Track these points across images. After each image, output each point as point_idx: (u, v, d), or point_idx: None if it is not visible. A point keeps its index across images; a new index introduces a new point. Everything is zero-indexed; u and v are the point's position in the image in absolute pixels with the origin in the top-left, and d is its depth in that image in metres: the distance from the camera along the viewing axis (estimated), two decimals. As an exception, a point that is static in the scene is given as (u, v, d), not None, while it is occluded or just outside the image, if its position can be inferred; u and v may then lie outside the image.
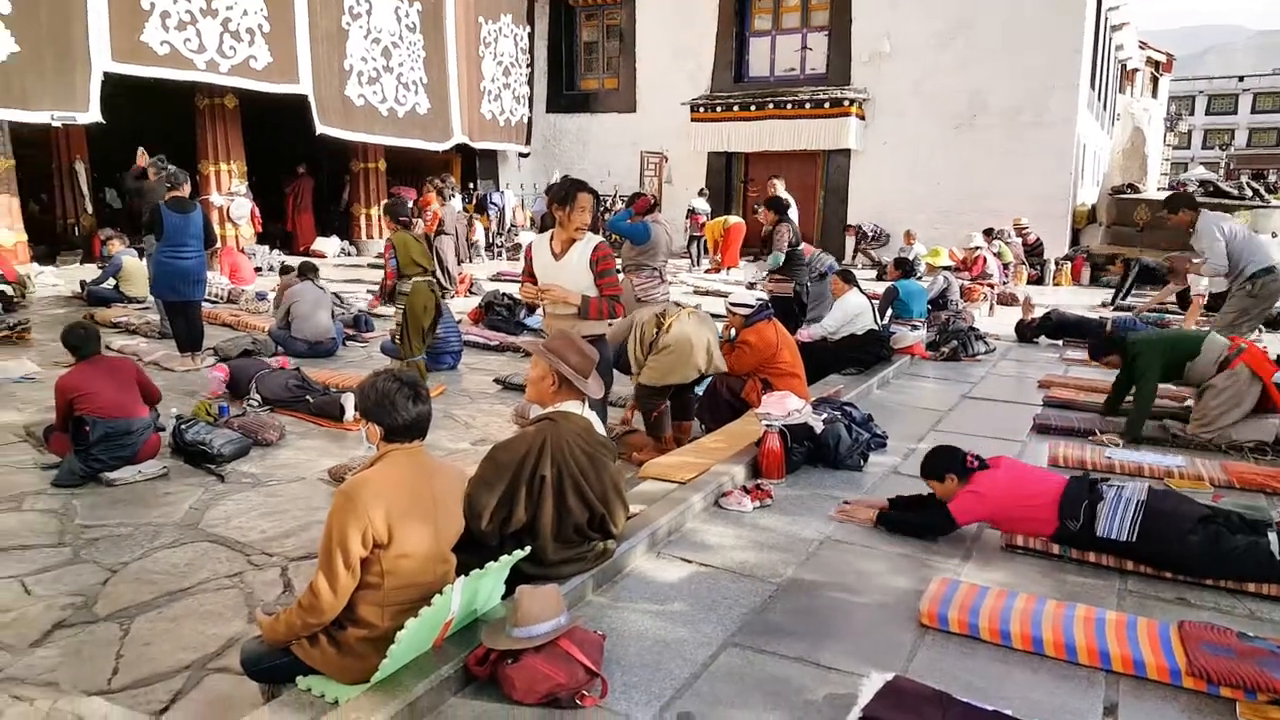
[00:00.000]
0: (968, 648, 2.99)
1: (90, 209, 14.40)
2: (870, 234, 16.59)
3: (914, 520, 3.98)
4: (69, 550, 4.00)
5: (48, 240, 13.95)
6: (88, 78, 10.24)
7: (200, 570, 3.82)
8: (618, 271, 4.62)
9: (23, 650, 3.16)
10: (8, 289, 9.92)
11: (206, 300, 10.58)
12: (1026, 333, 9.45)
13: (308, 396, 6.24)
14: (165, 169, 8.10)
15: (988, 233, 13.83)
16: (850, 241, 16.77)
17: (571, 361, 3.27)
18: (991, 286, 12.13)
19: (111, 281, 10.50)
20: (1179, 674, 2.72)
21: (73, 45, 10.05)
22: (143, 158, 9.40)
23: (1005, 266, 13.43)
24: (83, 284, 10.87)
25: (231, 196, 13.76)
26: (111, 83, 10.57)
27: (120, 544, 4.06)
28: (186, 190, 7.64)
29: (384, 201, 6.77)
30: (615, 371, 5.34)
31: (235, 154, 13.86)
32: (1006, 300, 12.16)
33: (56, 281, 11.70)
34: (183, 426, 5.26)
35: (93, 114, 10.42)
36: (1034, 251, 15.00)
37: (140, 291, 9.99)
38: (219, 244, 13.32)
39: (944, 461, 3.93)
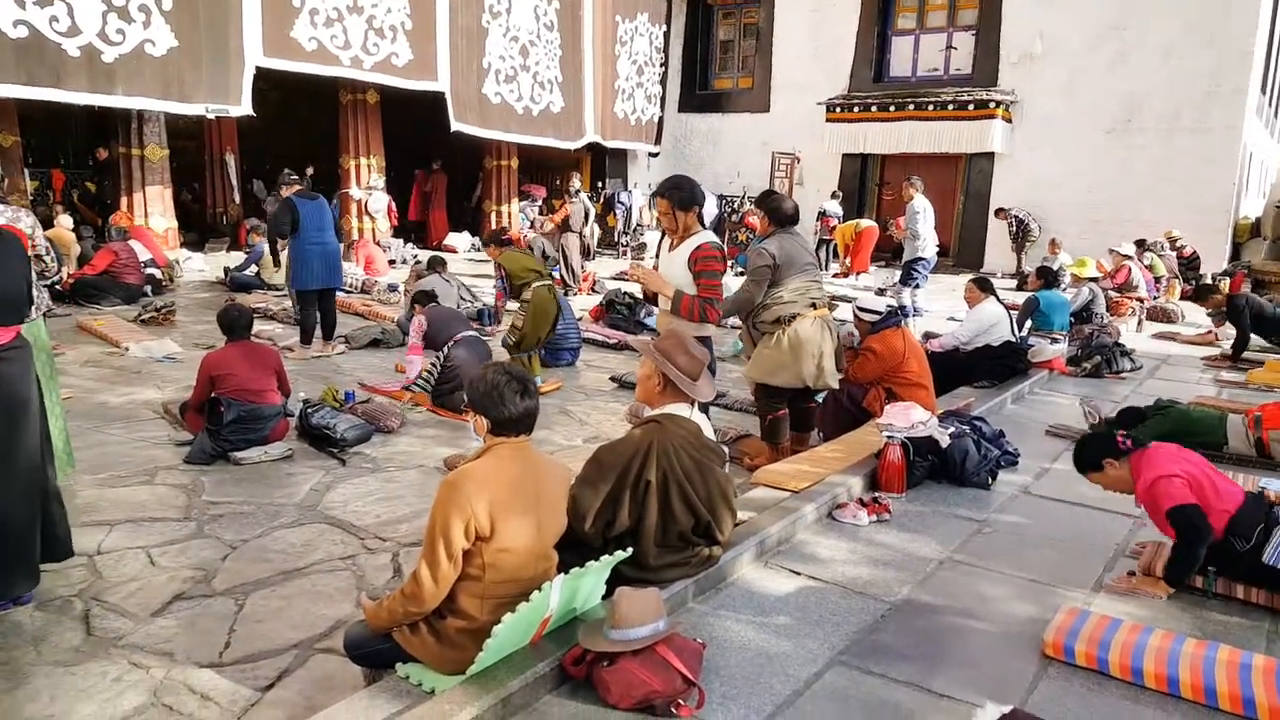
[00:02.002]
0: (1095, 684, 2.79)
1: (238, 199, 15.28)
2: (1022, 221, 15.54)
3: (1184, 554, 3.39)
4: (194, 525, 4.15)
5: (197, 228, 14.88)
6: (241, 72, 10.77)
7: (315, 551, 3.92)
8: (720, 275, 4.47)
9: (144, 619, 3.30)
10: (158, 273, 10.60)
11: (341, 290, 11.16)
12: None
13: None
14: (290, 178, 8.09)
15: (1139, 244, 12.94)
16: (1002, 227, 15.82)
17: (679, 363, 3.20)
18: (1140, 300, 11.33)
19: (254, 269, 11.17)
20: (1337, 731, 2.45)
21: (228, 41, 10.59)
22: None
23: (1157, 280, 12.53)
24: (226, 270, 11.53)
25: (370, 190, 14.31)
26: (261, 77, 11.08)
27: (242, 521, 4.20)
28: (300, 184, 7.79)
29: (492, 231, 6.83)
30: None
31: (375, 149, 14.39)
32: (1157, 316, 11.33)
33: (203, 267, 12.41)
34: (309, 410, 5.44)
35: (244, 107, 10.95)
36: (1190, 265, 13.94)
37: (280, 279, 10.57)
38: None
39: (1097, 449, 3.64)
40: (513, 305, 7.34)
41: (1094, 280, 10.78)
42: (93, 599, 3.32)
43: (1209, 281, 9.34)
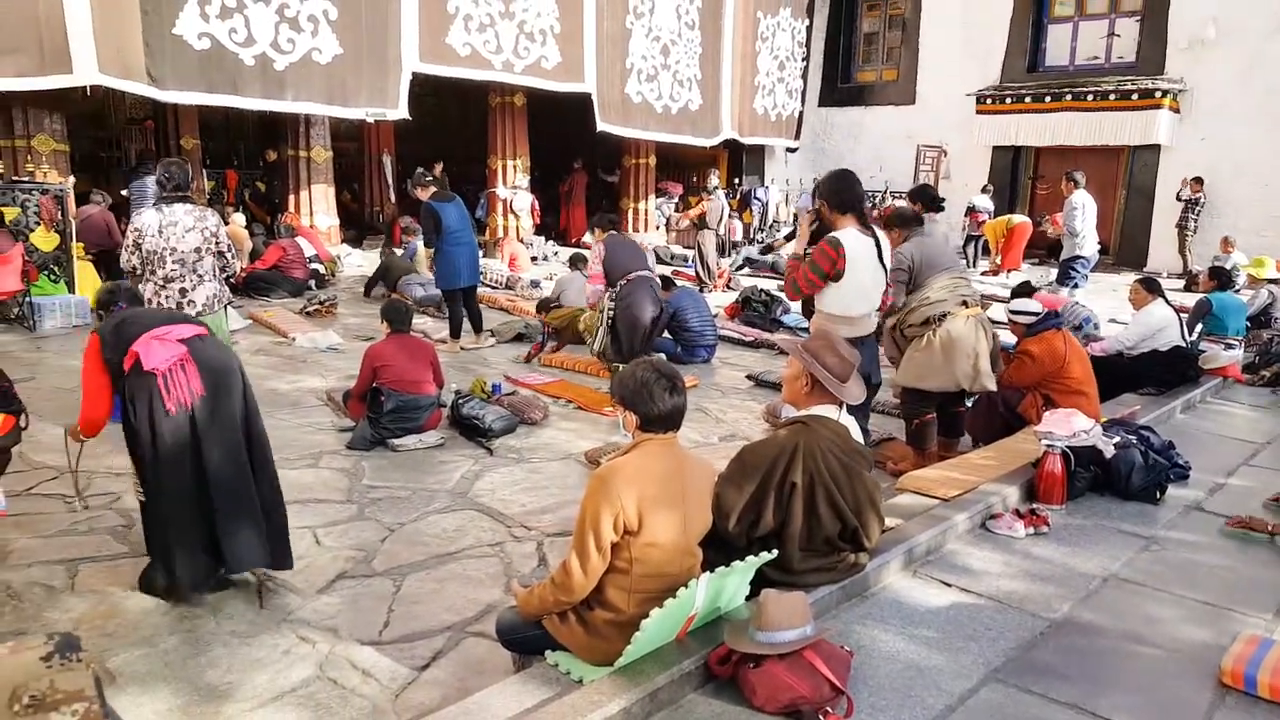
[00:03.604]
0: (1277, 717, 2.58)
1: (394, 198, 15.98)
2: (1195, 203, 14.34)
3: None
4: (355, 507, 4.36)
5: (356, 226, 15.66)
6: (399, 77, 11.26)
7: (466, 536, 4.07)
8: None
9: (311, 595, 3.48)
10: (321, 268, 11.21)
11: (486, 285, 11.53)
12: None
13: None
14: (424, 178, 8.17)
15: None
16: (1184, 199, 14.54)
17: (828, 363, 3.13)
18: (1326, 303, 10.33)
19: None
20: None
21: (387, 48, 11.08)
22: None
23: (1345, 281, 11.39)
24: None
25: (515, 190, 14.74)
26: (417, 81, 11.56)
27: (399, 505, 4.40)
28: (434, 184, 7.95)
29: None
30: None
31: (521, 150, 14.78)
32: (1345, 321, 10.30)
33: (361, 263, 13.05)
34: (460, 401, 5.65)
35: (401, 111, 11.44)
36: (1382, 264, 12.60)
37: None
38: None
39: None
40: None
41: (1273, 282, 9.95)
42: (265, 574, 3.53)
43: None
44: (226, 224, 10.85)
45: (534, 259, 14.01)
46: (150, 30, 8.93)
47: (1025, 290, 8.51)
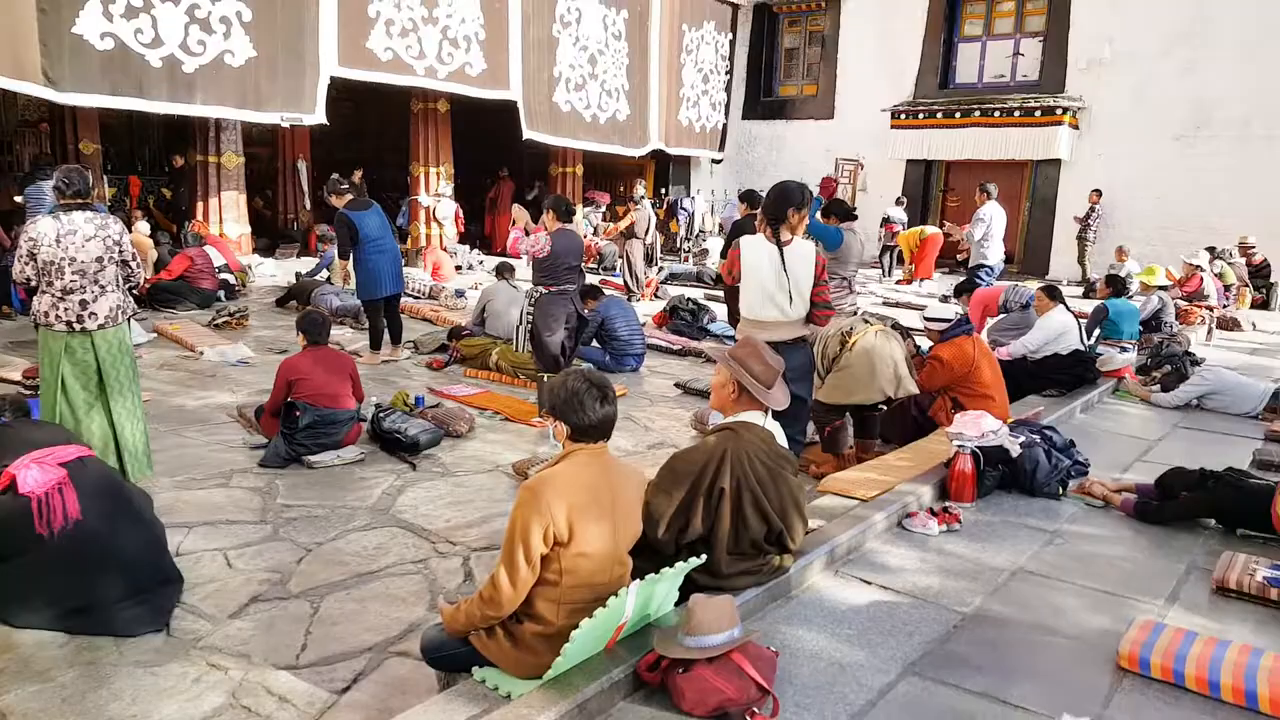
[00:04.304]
0: (1170, 697, 2.78)
1: (309, 205, 15.51)
2: (1094, 213, 15.17)
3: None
4: (269, 527, 4.22)
5: (269, 234, 15.09)
6: (316, 82, 10.99)
7: (388, 554, 3.98)
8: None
9: (221, 620, 3.35)
10: (231, 278, 10.82)
11: (409, 295, 11.31)
12: None
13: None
14: (339, 185, 7.90)
15: (1209, 251, 12.58)
16: (1079, 219, 15.41)
17: (754, 370, 3.21)
18: (1210, 309, 11.02)
19: (324, 274, 11.36)
20: None
21: (304, 51, 10.80)
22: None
23: (1227, 288, 12.16)
24: (298, 275, 11.68)
25: (438, 198, 14.56)
26: (334, 86, 11.28)
27: (316, 524, 4.27)
28: (350, 192, 7.68)
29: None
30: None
31: (444, 157, 14.62)
32: (1227, 325, 11.02)
33: (274, 272, 12.61)
34: (380, 415, 5.51)
35: (318, 116, 11.16)
36: (1259, 273, 13.47)
37: (350, 284, 10.77)
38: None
39: None
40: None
41: (1163, 288, 10.53)
42: (179, 600, 3.40)
43: None
44: (130, 232, 10.55)
45: (458, 268, 13.86)
46: (47, 29, 8.52)
47: (968, 287, 8.90)
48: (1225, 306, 11.71)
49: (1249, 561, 3.61)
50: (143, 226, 11.43)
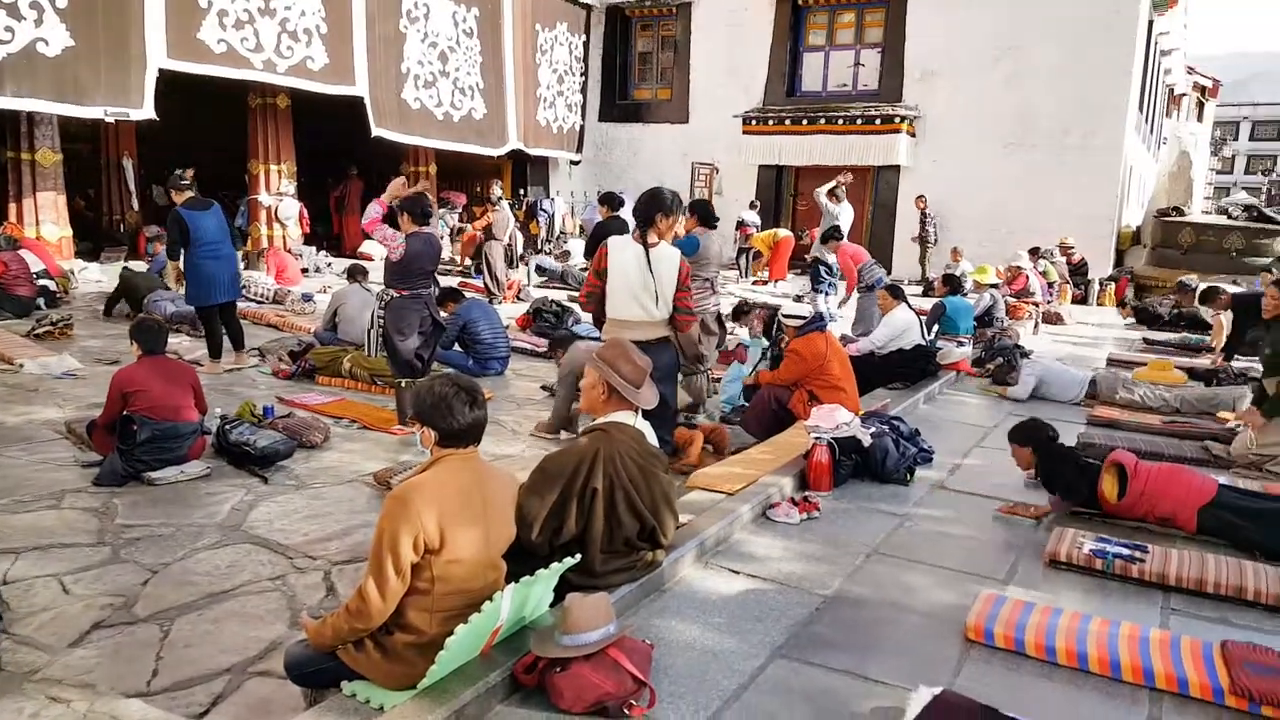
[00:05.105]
0: (1013, 663, 3.00)
1: (137, 205, 14.50)
2: (928, 218, 16.24)
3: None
4: (109, 550, 3.97)
5: (93, 236, 14.05)
6: (143, 74, 10.35)
7: (242, 572, 3.80)
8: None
9: (60, 650, 3.14)
10: (51, 284, 10.00)
11: (252, 300, 10.79)
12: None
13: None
14: (180, 181, 7.33)
15: (1033, 251, 13.70)
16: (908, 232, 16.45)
17: (623, 371, 3.25)
18: (1036, 305, 12.02)
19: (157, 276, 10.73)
20: (1222, 693, 2.74)
21: (129, 41, 10.16)
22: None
23: (1050, 285, 13.28)
24: (124, 271, 10.91)
25: (280, 197, 13.93)
26: (164, 79, 10.66)
27: (161, 544, 4.05)
28: (190, 189, 7.23)
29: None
30: None
31: (285, 154, 14.03)
32: (1051, 319, 12.05)
33: (100, 278, 11.74)
34: (227, 427, 5.25)
35: (146, 110, 10.52)
36: (1078, 271, 14.83)
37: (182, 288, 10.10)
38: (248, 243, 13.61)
39: None
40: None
41: (994, 286, 11.34)
42: (1, 632, 3.15)
43: (1209, 286, 9.88)
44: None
45: (304, 271, 13.29)
46: None
47: (834, 234, 10.01)
48: (1049, 302, 12.75)
49: (1077, 535, 3.97)
50: (-52, 231, 10.37)
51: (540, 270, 14.32)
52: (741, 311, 8.72)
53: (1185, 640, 3.01)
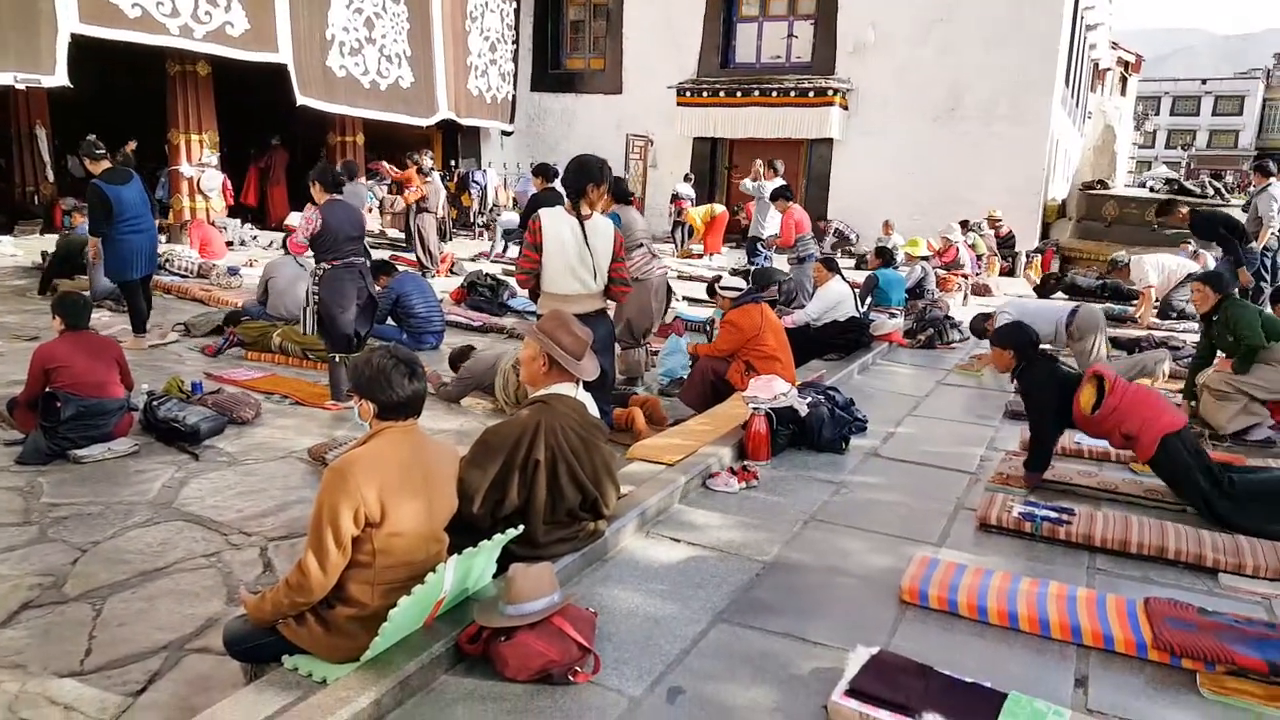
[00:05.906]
0: (946, 623, 3.10)
1: (51, 177, 14.02)
2: (842, 234, 16.63)
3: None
4: (35, 529, 3.89)
5: (5, 209, 13.55)
6: (54, 39, 9.88)
7: (175, 550, 3.75)
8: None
9: None
10: (-40, 260, 9.62)
11: (176, 274, 10.48)
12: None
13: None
14: (94, 150, 7.04)
15: (963, 224, 14.02)
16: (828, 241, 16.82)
17: (563, 342, 3.26)
18: (965, 277, 12.33)
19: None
20: (1145, 647, 2.86)
21: (38, 5, 9.68)
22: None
23: (979, 258, 13.63)
24: (44, 255, 10.37)
25: (202, 168, 13.47)
26: (78, 45, 10.20)
27: (90, 523, 3.97)
28: (107, 159, 7.00)
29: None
30: None
31: (207, 124, 13.55)
32: (980, 290, 12.36)
33: (15, 252, 11.33)
34: (154, 403, 5.15)
35: (59, 77, 10.05)
36: (1006, 244, 15.23)
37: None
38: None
39: None
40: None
41: (925, 259, 11.60)
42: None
43: (1167, 199, 10.48)
44: None
45: (229, 243, 12.90)
46: None
47: (784, 193, 10.03)
48: (978, 274, 13.10)
49: (1006, 500, 4.10)
50: None
51: (508, 234, 14.02)
52: (713, 291, 8.81)
53: (1110, 598, 3.14)
